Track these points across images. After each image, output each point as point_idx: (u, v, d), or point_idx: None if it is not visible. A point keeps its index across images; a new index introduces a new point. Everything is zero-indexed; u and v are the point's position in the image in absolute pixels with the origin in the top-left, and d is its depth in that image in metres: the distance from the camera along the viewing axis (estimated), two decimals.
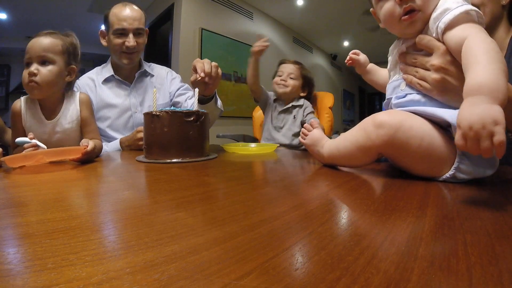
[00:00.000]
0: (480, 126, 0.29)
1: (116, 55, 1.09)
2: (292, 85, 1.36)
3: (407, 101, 0.50)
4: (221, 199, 0.36)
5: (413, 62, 0.49)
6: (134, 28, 1.05)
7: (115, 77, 1.14)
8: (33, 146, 0.66)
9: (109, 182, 0.49)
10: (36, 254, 0.19)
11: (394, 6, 0.48)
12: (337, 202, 0.35)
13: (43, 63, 0.75)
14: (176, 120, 0.69)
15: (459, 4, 0.43)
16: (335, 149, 0.55)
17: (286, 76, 1.37)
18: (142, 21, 1.08)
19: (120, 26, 1.03)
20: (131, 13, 1.05)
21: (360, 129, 0.49)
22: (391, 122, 0.44)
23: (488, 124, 0.29)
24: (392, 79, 0.56)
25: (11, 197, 0.37)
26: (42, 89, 0.76)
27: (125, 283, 0.16)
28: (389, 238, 0.22)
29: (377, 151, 0.48)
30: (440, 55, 0.44)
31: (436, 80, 0.44)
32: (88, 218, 0.27)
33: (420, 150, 0.43)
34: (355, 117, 7.91)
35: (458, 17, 0.42)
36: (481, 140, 0.29)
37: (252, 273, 0.17)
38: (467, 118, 0.30)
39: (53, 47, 0.77)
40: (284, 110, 1.37)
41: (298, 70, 1.39)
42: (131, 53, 1.08)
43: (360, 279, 0.16)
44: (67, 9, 3.69)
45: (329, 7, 3.99)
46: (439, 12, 0.44)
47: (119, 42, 1.05)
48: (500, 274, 0.17)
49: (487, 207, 0.31)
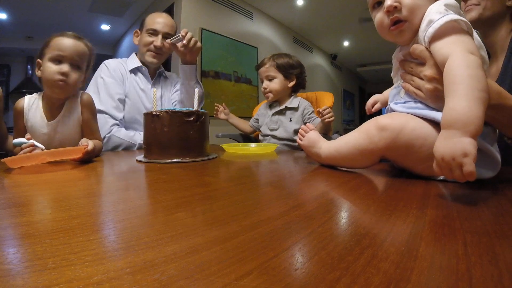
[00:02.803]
0: (450, 158, 0.33)
1: (144, 52, 1.21)
2: (274, 88, 1.29)
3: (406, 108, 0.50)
4: (221, 199, 0.36)
5: (410, 71, 0.49)
6: (164, 32, 1.19)
7: (142, 69, 1.23)
8: (31, 146, 0.66)
9: (109, 182, 0.49)
10: (36, 254, 0.19)
11: (383, 16, 0.49)
12: (337, 202, 0.35)
13: (73, 66, 0.77)
14: (176, 120, 0.69)
15: (441, 14, 0.42)
16: (334, 151, 0.55)
17: (266, 81, 1.31)
18: (172, 29, 1.23)
19: (153, 26, 1.18)
20: (165, 20, 1.22)
21: (362, 132, 0.49)
22: (394, 125, 0.44)
23: (457, 156, 0.32)
24: (393, 86, 0.56)
25: (11, 197, 0.37)
26: (67, 92, 0.79)
27: (125, 283, 0.16)
28: (389, 238, 0.22)
29: (380, 154, 0.48)
30: (432, 65, 0.44)
31: (429, 90, 0.45)
32: (88, 218, 0.27)
33: (423, 150, 0.43)
34: (355, 117, 7.90)
35: (441, 29, 0.41)
36: (452, 170, 0.33)
37: (252, 273, 0.17)
38: (440, 151, 0.34)
39: (83, 54, 0.80)
40: (278, 112, 1.32)
41: (272, 65, 1.30)
42: (157, 53, 1.20)
43: (360, 279, 0.16)
44: (67, 9, 3.69)
45: (329, 7, 3.99)
46: (425, 24, 0.44)
47: (149, 41, 1.19)
48: (500, 274, 0.17)
49: (487, 207, 0.31)
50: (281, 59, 1.29)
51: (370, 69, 7.36)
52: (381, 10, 0.49)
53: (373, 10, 0.52)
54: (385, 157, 0.50)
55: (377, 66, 6.86)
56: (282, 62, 1.28)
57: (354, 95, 8.12)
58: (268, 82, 1.30)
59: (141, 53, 1.22)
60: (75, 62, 0.77)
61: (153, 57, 1.20)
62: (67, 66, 0.75)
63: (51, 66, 0.74)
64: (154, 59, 1.20)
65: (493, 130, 0.47)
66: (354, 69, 7.68)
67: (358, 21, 4.00)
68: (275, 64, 1.28)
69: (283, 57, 1.31)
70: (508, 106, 0.44)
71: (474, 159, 0.32)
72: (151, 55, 1.20)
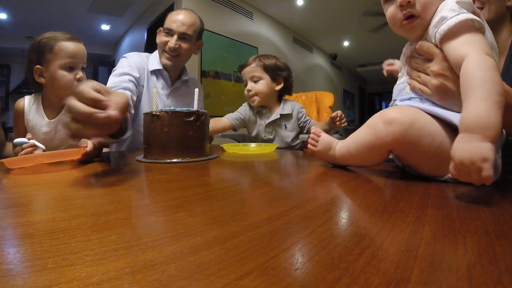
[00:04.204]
0: (469, 163, 0.33)
1: (160, 53, 1.12)
2: (260, 91, 1.16)
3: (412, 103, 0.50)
4: (221, 199, 0.36)
5: (416, 67, 0.49)
6: (180, 32, 1.07)
7: (163, 72, 1.13)
8: (31, 146, 0.66)
9: (109, 182, 0.49)
10: (36, 254, 0.19)
11: (396, 10, 0.48)
12: (337, 202, 0.35)
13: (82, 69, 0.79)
14: (176, 120, 0.69)
15: (455, 12, 0.42)
16: (345, 151, 0.54)
17: (250, 83, 1.18)
18: (191, 28, 1.09)
19: (168, 26, 1.07)
20: (182, 18, 1.08)
21: (369, 127, 0.48)
22: (403, 119, 0.43)
23: (477, 161, 0.32)
24: (399, 82, 0.56)
25: (11, 197, 0.37)
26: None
27: (125, 283, 0.16)
28: (389, 238, 0.22)
29: (387, 148, 0.47)
30: (439, 61, 0.44)
31: (436, 86, 0.44)
32: (88, 218, 0.27)
33: (431, 149, 0.43)
34: (355, 117, 7.91)
35: (455, 27, 0.41)
36: (470, 173, 0.33)
37: (252, 273, 0.17)
38: (459, 154, 0.34)
39: (86, 56, 0.81)
40: (272, 123, 1.20)
41: (258, 65, 1.18)
42: (172, 55, 1.09)
43: (360, 279, 0.16)
44: (67, 9, 3.70)
45: (329, 7, 3.99)
46: (436, 20, 0.44)
47: (163, 41, 1.08)
48: (500, 274, 0.17)
49: (487, 207, 0.31)
50: (268, 60, 1.19)
51: (370, 69, 7.36)
52: (393, 4, 0.49)
53: (385, 3, 0.51)
54: (393, 152, 0.49)
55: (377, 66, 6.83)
56: (270, 63, 1.18)
57: (354, 95, 8.12)
58: (253, 84, 1.18)
59: (159, 53, 1.13)
60: (83, 65, 0.78)
61: (168, 59, 1.10)
62: (80, 71, 0.76)
63: (66, 75, 0.74)
64: (168, 62, 1.10)
65: (502, 133, 0.46)
66: (354, 69, 7.68)
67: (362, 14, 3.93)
68: (262, 64, 1.17)
69: (270, 58, 1.21)
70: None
71: (492, 164, 0.32)
72: (166, 56, 1.10)
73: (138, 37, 4.04)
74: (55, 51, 0.75)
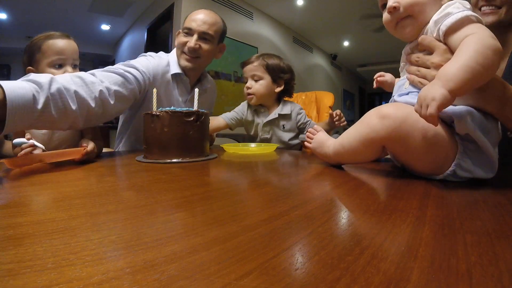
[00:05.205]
0: (423, 98, 0.39)
1: (179, 54, 1.05)
2: (258, 91, 1.15)
3: (410, 98, 0.51)
4: (221, 199, 0.36)
5: (415, 61, 0.50)
6: (201, 31, 1.00)
7: (183, 78, 1.06)
8: (31, 146, 0.66)
9: (109, 182, 0.49)
10: (36, 254, 0.19)
11: (387, 15, 0.52)
12: (337, 202, 0.35)
13: (74, 67, 0.77)
14: (176, 120, 0.69)
15: (460, 9, 0.44)
16: (340, 147, 0.55)
17: (250, 81, 1.16)
18: (212, 28, 1.03)
19: (188, 25, 1.01)
20: (203, 17, 1.02)
21: (363, 122, 0.49)
22: (397, 114, 0.45)
23: (428, 98, 0.38)
24: (400, 79, 0.58)
25: (11, 197, 0.37)
26: None
27: (125, 283, 0.16)
28: (389, 238, 0.22)
29: (381, 143, 0.48)
30: (440, 53, 0.46)
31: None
32: (88, 218, 0.27)
33: (424, 143, 0.44)
34: (355, 117, 7.89)
35: (461, 19, 0.43)
36: (422, 108, 0.39)
37: (252, 273, 0.17)
38: (422, 91, 0.41)
39: (77, 52, 0.79)
40: (270, 122, 1.18)
41: (261, 64, 1.15)
42: (192, 57, 1.02)
43: (360, 279, 0.16)
44: (67, 9, 3.70)
45: (329, 7, 3.99)
46: (440, 16, 0.46)
47: (182, 41, 1.02)
48: (500, 274, 0.17)
49: (487, 207, 0.31)
50: (272, 60, 1.16)
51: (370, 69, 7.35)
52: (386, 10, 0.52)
53: (382, 10, 0.55)
54: (386, 148, 0.50)
55: (377, 66, 6.85)
56: (273, 64, 1.15)
57: (354, 95, 8.12)
58: (252, 82, 1.16)
59: (177, 55, 1.05)
60: (74, 62, 0.76)
61: (187, 60, 1.02)
62: (70, 68, 0.75)
63: (54, 72, 0.73)
64: (188, 63, 1.02)
65: (498, 130, 0.47)
66: (354, 69, 7.68)
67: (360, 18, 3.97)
68: (265, 64, 1.15)
69: (274, 58, 1.18)
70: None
71: (439, 106, 0.37)
72: (185, 58, 1.02)
73: (138, 37, 4.04)
74: (43, 50, 0.74)
